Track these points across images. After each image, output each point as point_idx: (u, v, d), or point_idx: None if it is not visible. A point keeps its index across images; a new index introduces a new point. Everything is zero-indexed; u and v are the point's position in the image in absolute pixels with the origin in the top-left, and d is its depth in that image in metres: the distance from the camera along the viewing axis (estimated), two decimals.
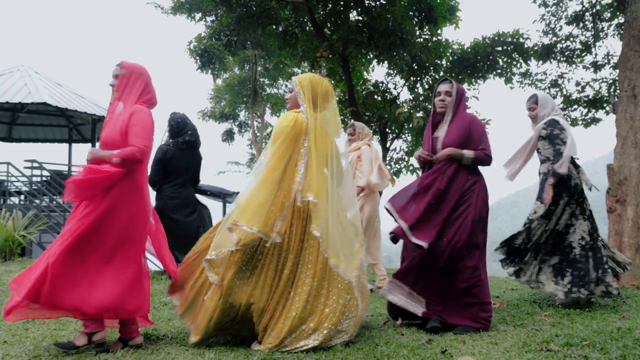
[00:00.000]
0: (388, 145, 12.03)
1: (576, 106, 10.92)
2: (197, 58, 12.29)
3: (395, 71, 11.43)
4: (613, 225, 4.94)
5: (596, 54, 10.77)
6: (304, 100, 2.73)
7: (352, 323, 2.57)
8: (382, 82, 11.85)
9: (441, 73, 10.95)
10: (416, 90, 11.46)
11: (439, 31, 10.59)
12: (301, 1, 8.81)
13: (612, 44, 9.78)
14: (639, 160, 4.95)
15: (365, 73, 11.89)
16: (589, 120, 10.83)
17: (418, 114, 10.07)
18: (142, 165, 2.59)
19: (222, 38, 10.30)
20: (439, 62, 10.95)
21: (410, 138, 12.17)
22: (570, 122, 10.74)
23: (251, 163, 21.88)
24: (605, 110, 10.65)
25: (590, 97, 10.81)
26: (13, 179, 11.34)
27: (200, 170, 4.98)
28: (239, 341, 2.66)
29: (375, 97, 11.50)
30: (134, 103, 2.61)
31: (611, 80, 10.64)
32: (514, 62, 11.19)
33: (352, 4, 9.21)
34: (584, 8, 10.47)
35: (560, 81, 11.15)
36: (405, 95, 29.71)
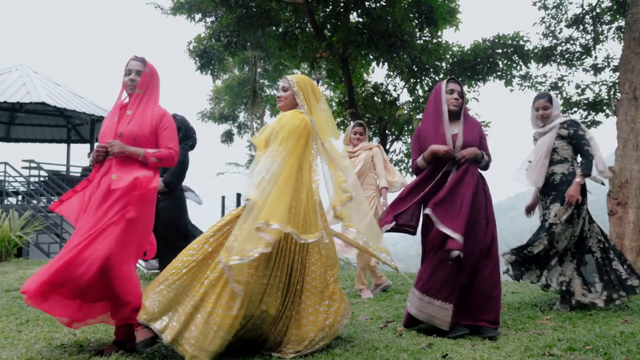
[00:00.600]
0: (388, 147, 12.01)
1: (576, 109, 10.91)
2: (197, 59, 12.27)
3: (395, 73, 11.41)
4: (614, 228, 4.90)
5: (596, 57, 10.78)
6: (304, 101, 2.69)
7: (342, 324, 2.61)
8: (382, 84, 11.84)
9: (441, 75, 10.94)
10: (416, 92, 11.44)
11: (439, 33, 10.58)
12: (301, 2, 8.79)
13: (612, 47, 9.80)
14: None
15: (365, 75, 11.88)
16: (589, 123, 10.81)
17: (418, 116, 10.05)
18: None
19: (222, 39, 10.27)
20: (439, 64, 10.94)
21: (410, 140, 12.15)
22: None
23: (250, 164, 21.80)
24: (605, 113, 10.63)
25: (590, 100, 10.80)
26: (10, 179, 11.28)
27: None
28: (245, 349, 2.60)
29: (375, 99, 11.49)
30: (157, 104, 2.63)
31: (611, 83, 10.63)
32: (514, 65, 11.18)
33: (352, 5, 9.19)
34: (584, 11, 10.47)
35: (560, 84, 11.15)
36: (405, 97, 29.71)
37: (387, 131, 11.91)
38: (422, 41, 10.40)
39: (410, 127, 11.25)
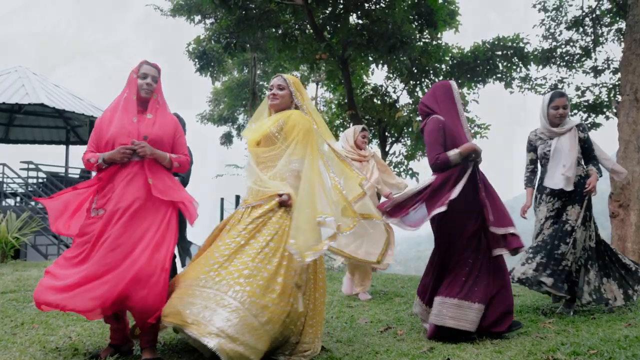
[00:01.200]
0: (387, 149, 11.97)
1: (576, 111, 10.88)
2: (196, 60, 12.24)
3: (394, 75, 11.39)
4: (616, 230, 4.87)
5: (596, 59, 10.75)
6: (302, 102, 2.67)
7: None
8: (382, 86, 11.82)
9: (441, 77, 10.91)
10: (416, 94, 11.41)
11: (439, 35, 10.56)
12: (301, 4, 8.76)
13: (612, 49, 9.78)
14: None
15: (364, 76, 11.85)
16: (589, 125, 10.78)
17: (418, 118, 10.02)
18: None
19: (222, 40, 10.24)
20: (439, 66, 10.92)
21: (409, 142, 12.12)
22: None
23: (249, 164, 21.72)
24: (605, 115, 10.61)
25: (590, 102, 10.77)
26: (9, 181, 11.23)
27: None
28: None
29: (374, 101, 11.46)
30: (168, 110, 2.66)
31: (611, 85, 10.61)
32: (514, 67, 11.16)
33: (352, 7, 9.17)
34: (584, 13, 10.46)
35: (560, 86, 11.12)
36: (404, 99, 29.71)
37: (387, 133, 11.88)
38: (422, 43, 10.38)
39: (409, 129, 11.22)
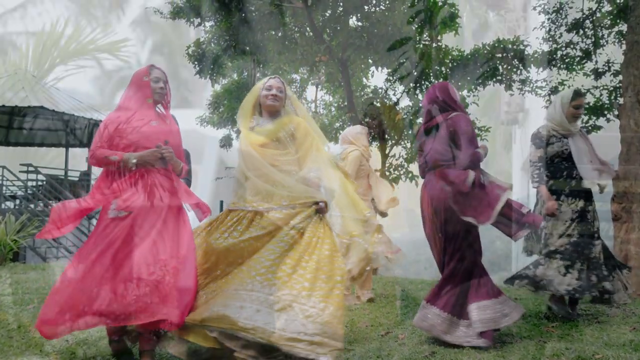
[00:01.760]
0: (387, 151, 11.94)
1: None
2: (196, 63, 12.23)
3: (394, 77, 11.37)
4: (618, 233, 4.83)
5: (596, 61, 10.71)
6: (298, 107, 2.71)
7: None
8: (382, 88, 11.81)
9: (441, 79, 10.89)
10: (416, 96, 11.38)
11: (439, 37, 10.54)
12: (301, 6, 8.77)
13: (613, 51, 9.73)
14: None
15: (364, 79, 11.84)
16: (590, 127, 10.74)
17: (418, 120, 10.00)
18: None
19: (221, 43, 10.24)
20: (439, 69, 10.90)
21: (410, 145, 12.09)
22: None
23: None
24: (606, 117, 10.58)
25: (590, 104, 10.73)
26: (8, 184, 11.19)
27: None
28: None
29: (374, 103, 11.44)
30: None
31: (612, 87, 10.58)
32: (514, 69, 11.14)
33: (352, 9, 9.18)
34: (584, 15, 10.43)
35: (560, 88, 11.06)
36: (404, 101, 29.68)
37: (387, 135, 11.85)
38: (422, 45, 10.36)
39: (410, 132, 11.19)
